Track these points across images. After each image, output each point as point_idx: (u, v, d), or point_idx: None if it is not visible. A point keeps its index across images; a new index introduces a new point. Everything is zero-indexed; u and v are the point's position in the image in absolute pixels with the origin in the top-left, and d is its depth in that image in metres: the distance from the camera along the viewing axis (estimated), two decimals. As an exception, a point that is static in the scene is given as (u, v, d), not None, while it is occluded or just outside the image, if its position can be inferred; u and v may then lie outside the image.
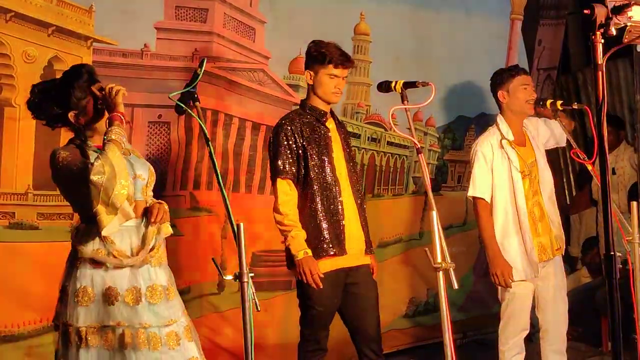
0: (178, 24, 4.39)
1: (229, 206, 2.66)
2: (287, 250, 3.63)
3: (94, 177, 2.87)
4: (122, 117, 3.04)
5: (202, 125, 2.79)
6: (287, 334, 4.98)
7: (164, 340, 3.06)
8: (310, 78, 3.72)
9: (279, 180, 3.62)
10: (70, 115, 3.06)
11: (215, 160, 2.76)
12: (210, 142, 2.80)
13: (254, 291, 2.60)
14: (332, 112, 3.81)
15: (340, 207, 3.65)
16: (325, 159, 3.66)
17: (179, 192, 4.53)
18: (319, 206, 3.63)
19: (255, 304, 2.62)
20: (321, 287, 3.56)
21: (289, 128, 3.63)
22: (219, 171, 2.75)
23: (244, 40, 4.71)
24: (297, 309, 5.03)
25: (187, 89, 2.87)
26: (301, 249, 3.56)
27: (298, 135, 3.63)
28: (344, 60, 3.67)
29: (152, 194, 3.26)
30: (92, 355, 2.98)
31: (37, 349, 3.93)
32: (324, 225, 3.62)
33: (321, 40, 3.76)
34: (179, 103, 2.87)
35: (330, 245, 3.62)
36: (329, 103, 3.75)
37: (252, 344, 2.55)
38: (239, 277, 2.57)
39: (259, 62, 4.80)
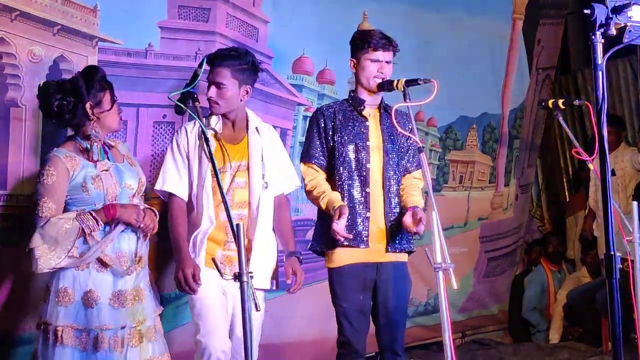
0: (181, 23, 4.38)
1: (229, 207, 2.68)
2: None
3: (31, 245, 3.11)
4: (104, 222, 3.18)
5: (202, 126, 2.81)
6: (286, 334, 5.00)
7: (128, 340, 3.18)
8: (353, 66, 3.64)
9: (302, 164, 3.63)
10: (87, 105, 3.19)
11: (214, 159, 2.78)
12: (208, 142, 2.82)
13: (253, 291, 2.63)
14: (382, 103, 3.68)
15: (367, 198, 3.55)
16: (358, 148, 3.56)
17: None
18: (345, 194, 3.54)
19: (255, 303, 2.65)
20: (342, 216, 3.39)
21: (323, 114, 3.61)
22: (218, 171, 2.77)
23: (247, 40, 4.72)
24: (297, 309, 5.06)
25: (186, 89, 2.90)
26: (338, 203, 3.44)
27: (330, 121, 3.58)
28: (384, 43, 3.56)
29: (140, 200, 3.39)
30: (66, 353, 3.08)
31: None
32: (348, 214, 3.48)
33: (366, 29, 3.74)
34: (178, 103, 2.90)
35: (353, 236, 3.50)
36: (372, 90, 3.62)
37: (252, 343, 2.57)
38: (238, 277, 2.58)
39: (262, 62, 4.81)
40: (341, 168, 3.57)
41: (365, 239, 3.54)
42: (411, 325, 5.65)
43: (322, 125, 3.61)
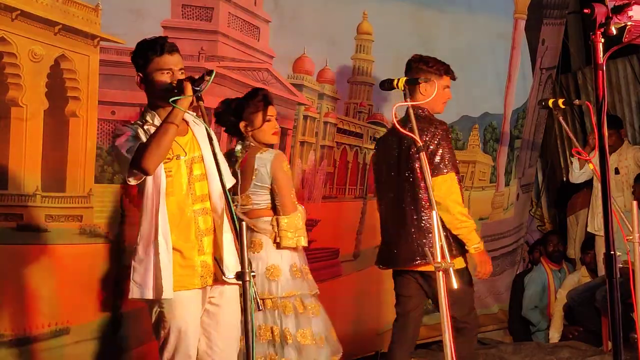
0: (185, 22, 4.38)
1: (232, 206, 2.70)
2: (455, 238, 3.79)
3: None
4: None
5: (205, 125, 2.81)
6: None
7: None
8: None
9: (455, 175, 3.80)
10: (241, 124, 3.75)
11: (218, 158, 2.78)
12: (213, 141, 2.82)
13: (255, 290, 2.63)
14: None
15: None
16: None
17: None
18: None
19: (257, 303, 2.65)
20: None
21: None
22: (222, 170, 2.77)
23: (249, 39, 4.72)
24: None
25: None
26: (481, 241, 3.87)
27: None
28: (453, 72, 3.93)
29: None
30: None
31: (44, 353, 3.89)
32: None
33: (421, 55, 3.96)
34: (178, 105, 2.90)
35: None
36: (436, 112, 3.93)
37: (254, 342, 2.57)
38: (240, 276, 2.59)
39: (264, 62, 4.82)
40: None
41: None
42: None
43: None
